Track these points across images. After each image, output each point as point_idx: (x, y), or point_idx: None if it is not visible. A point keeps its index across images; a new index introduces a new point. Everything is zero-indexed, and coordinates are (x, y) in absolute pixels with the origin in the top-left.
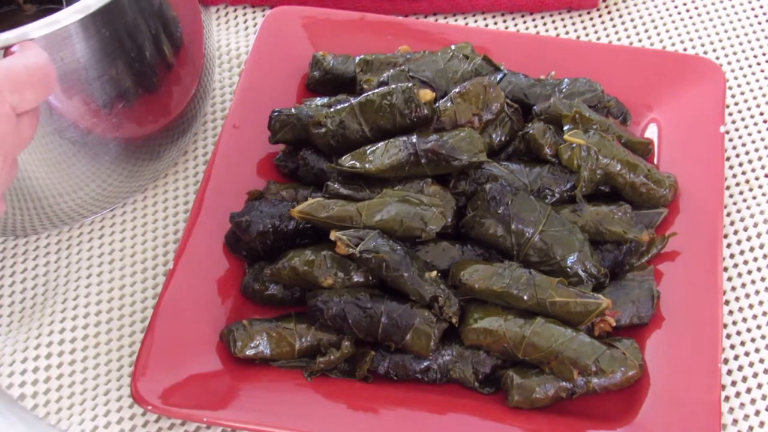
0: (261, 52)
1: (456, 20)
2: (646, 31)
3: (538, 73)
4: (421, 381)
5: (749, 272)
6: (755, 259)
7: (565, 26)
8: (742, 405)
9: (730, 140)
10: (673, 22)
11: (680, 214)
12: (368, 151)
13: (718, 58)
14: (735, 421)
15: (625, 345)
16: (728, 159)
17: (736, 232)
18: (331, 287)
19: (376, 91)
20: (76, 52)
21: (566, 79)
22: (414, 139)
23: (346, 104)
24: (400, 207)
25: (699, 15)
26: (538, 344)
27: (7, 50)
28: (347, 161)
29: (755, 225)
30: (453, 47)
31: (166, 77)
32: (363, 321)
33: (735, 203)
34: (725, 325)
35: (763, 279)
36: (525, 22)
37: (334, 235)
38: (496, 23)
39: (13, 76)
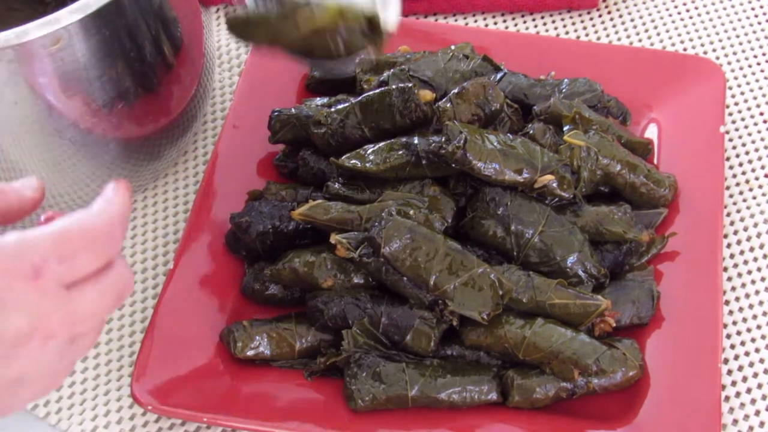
0: (261, 52)
1: (456, 20)
2: (646, 31)
3: (538, 73)
4: None
5: (749, 272)
6: (755, 259)
7: (565, 26)
8: (742, 405)
9: (730, 140)
10: (673, 22)
11: (680, 214)
12: (369, 151)
13: (718, 58)
14: (735, 421)
15: (625, 345)
16: (728, 159)
17: (736, 232)
18: (330, 288)
19: (376, 91)
20: (76, 52)
21: (566, 79)
22: (415, 140)
23: (346, 104)
24: None
25: (699, 15)
26: (538, 344)
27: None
28: (348, 160)
29: (755, 225)
30: (453, 47)
31: (166, 77)
32: None
33: (735, 203)
34: (725, 325)
35: (763, 279)
36: (525, 22)
37: (334, 238)
38: (496, 23)
39: (60, 241)
